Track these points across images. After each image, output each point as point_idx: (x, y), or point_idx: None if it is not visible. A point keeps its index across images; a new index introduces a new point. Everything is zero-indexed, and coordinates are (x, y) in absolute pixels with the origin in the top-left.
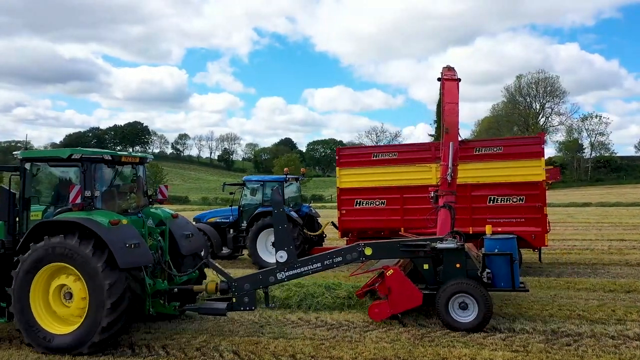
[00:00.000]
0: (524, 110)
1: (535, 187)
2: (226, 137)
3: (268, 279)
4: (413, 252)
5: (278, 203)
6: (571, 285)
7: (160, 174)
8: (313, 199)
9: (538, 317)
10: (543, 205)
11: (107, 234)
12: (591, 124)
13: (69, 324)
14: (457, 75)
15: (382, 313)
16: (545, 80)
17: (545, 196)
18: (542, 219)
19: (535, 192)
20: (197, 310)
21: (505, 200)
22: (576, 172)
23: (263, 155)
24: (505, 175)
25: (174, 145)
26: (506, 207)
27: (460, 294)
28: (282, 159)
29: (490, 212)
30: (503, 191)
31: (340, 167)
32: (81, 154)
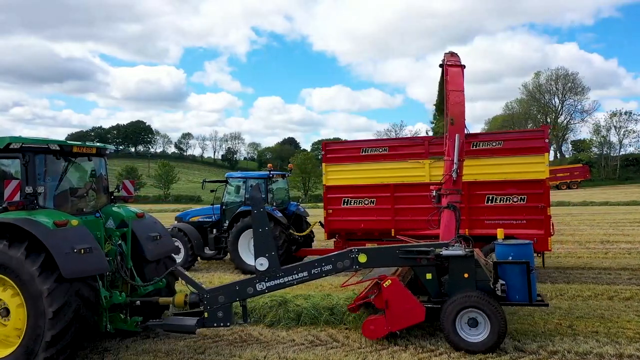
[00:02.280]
0: (544, 107)
1: (539, 186)
2: (230, 136)
3: (246, 290)
4: (414, 260)
5: (258, 202)
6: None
7: (172, 173)
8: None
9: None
10: (547, 205)
11: (49, 237)
12: (620, 120)
13: (6, 346)
14: (461, 62)
15: (379, 331)
16: (565, 77)
17: (549, 196)
18: (545, 220)
19: (539, 191)
20: (161, 327)
21: (505, 200)
22: (604, 170)
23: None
24: (505, 173)
25: (177, 144)
26: (506, 207)
27: (470, 308)
28: (298, 157)
29: (489, 212)
30: (503, 190)
31: (327, 162)
32: (21, 142)
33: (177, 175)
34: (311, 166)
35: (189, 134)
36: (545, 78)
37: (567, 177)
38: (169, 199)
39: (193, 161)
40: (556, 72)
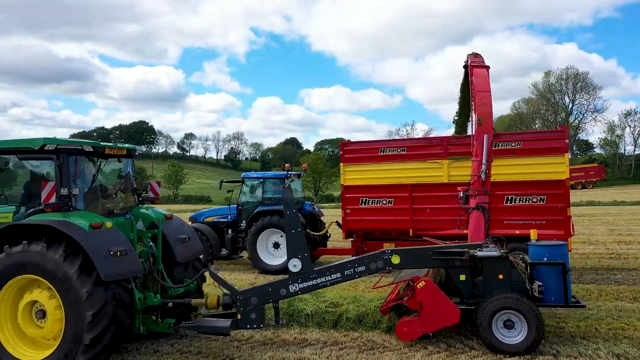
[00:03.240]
0: (554, 106)
1: (558, 186)
2: (233, 136)
3: (279, 292)
4: (447, 261)
5: (289, 203)
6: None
7: (181, 173)
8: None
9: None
10: (567, 205)
11: (87, 240)
12: (634, 119)
13: (43, 348)
14: (484, 62)
15: (412, 332)
16: (576, 77)
17: (569, 196)
18: (565, 221)
19: (558, 191)
20: (195, 329)
21: (524, 201)
22: (618, 170)
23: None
24: (524, 173)
25: (179, 144)
26: (525, 207)
27: (506, 310)
28: (310, 157)
29: (507, 212)
30: (522, 190)
31: (345, 163)
32: (56, 144)
33: (186, 175)
34: (322, 166)
35: (191, 134)
36: (556, 77)
37: (583, 176)
38: (179, 200)
39: (196, 161)
40: (566, 72)
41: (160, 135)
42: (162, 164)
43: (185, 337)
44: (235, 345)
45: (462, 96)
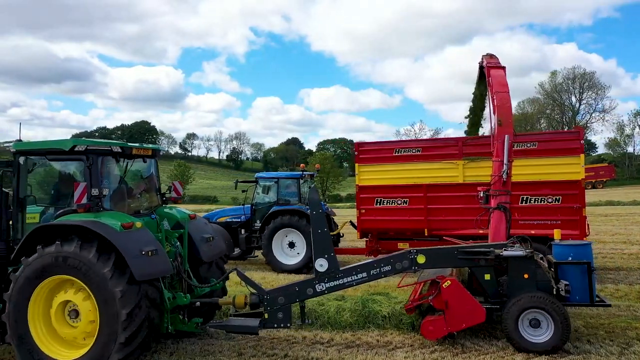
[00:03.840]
0: (560, 106)
1: (574, 187)
2: (235, 136)
3: (306, 291)
4: (472, 261)
5: (316, 203)
6: None
7: (188, 173)
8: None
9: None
10: (582, 206)
11: (119, 240)
12: None
13: (77, 347)
14: (500, 63)
15: (438, 331)
16: (583, 76)
17: (585, 196)
18: (580, 221)
19: (574, 191)
20: (223, 328)
21: (539, 201)
22: (627, 170)
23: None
24: (540, 174)
25: (181, 144)
26: (541, 208)
27: (533, 309)
28: (317, 156)
29: (523, 213)
30: (537, 191)
31: (360, 163)
32: (86, 145)
33: (192, 175)
34: (330, 166)
35: (193, 134)
36: (563, 77)
37: (593, 176)
38: (185, 199)
39: (198, 162)
40: (573, 71)
41: (162, 135)
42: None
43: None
44: (319, 347)
45: (475, 96)
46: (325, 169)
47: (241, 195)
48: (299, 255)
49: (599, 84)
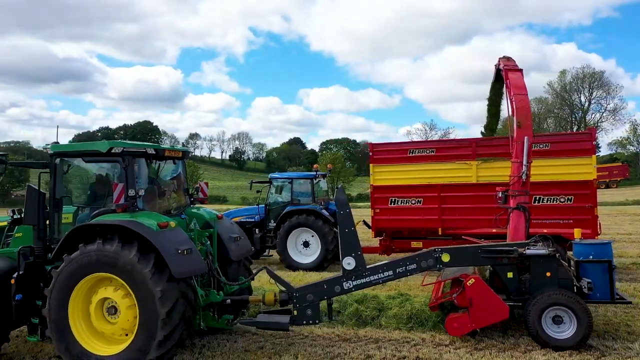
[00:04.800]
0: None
1: (586, 187)
2: (238, 136)
3: (334, 288)
4: (495, 259)
5: (343, 203)
6: None
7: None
8: None
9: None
10: (594, 205)
11: (157, 239)
12: None
13: (115, 343)
14: (517, 65)
15: (462, 328)
16: (592, 76)
17: (596, 196)
18: (592, 220)
19: (586, 191)
20: (254, 325)
21: (552, 201)
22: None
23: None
24: (552, 174)
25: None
26: (553, 207)
27: (556, 306)
28: (327, 156)
29: (535, 212)
30: (550, 191)
31: (374, 163)
32: (122, 147)
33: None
34: (340, 166)
35: (196, 134)
36: (572, 76)
37: (606, 176)
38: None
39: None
40: (582, 71)
41: (165, 135)
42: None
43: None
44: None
45: (491, 98)
46: (336, 169)
47: (250, 195)
48: (314, 254)
49: (608, 83)
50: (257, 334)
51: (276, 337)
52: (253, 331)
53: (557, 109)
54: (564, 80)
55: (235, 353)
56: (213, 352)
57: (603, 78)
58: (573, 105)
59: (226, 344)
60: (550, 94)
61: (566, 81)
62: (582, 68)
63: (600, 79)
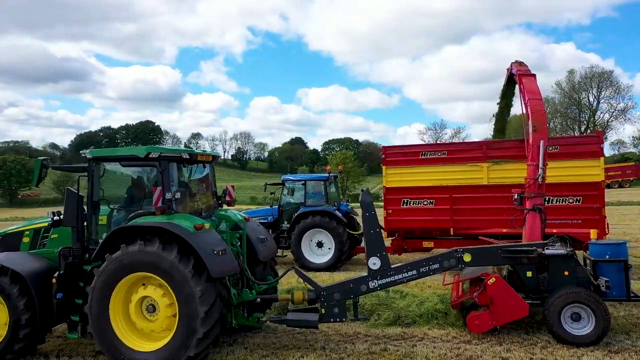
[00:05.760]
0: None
1: (594, 188)
2: (240, 135)
3: (359, 287)
4: (515, 259)
5: (369, 205)
6: None
7: None
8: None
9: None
10: (602, 206)
11: (194, 240)
12: None
13: (154, 340)
14: (530, 70)
15: (483, 325)
16: (601, 75)
17: (604, 197)
18: (600, 220)
19: (594, 192)
20: (284, 322)
21: (561, 201)
22: None
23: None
24: (561, 176)
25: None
26: (562, 208)
27: (575, 304)
28: (337, 155)
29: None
30: (559, 192)
31: (387, 165)
32: (159, 152)
33: None
34: (351, 165)
35: (198, 134)
36: (581, 76)
37: (619, 175)
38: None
39: None
40: (591, 70)
41: (167, 135)
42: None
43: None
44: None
45: (502, 102)
46: (345, 169)
47: (259, 195)
48: (327, 254)
49: (617, 83)
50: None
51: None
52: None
53: (564, 109)
54: (572, 80)
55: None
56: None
57: (612, 78)
58: (581, 105)
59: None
60: (559, 93)
61: (575, 81)
62: (591, 67)
63: (609, 78)
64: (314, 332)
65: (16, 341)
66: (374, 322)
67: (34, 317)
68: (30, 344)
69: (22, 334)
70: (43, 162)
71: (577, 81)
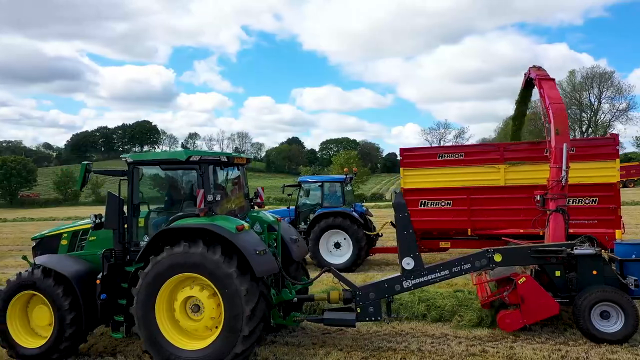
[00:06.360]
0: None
1: (610, 189)
2: (238, 135)
3: (394, 287)
4: (544, 259)
5: (402, 206)
6: None
7: None
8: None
9: None
10: (617, 206)
11: (238, 241)
12: None
13: (199, 339)
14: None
15: (514, 324)
16: (601, 76)
17: (620, 198)
18: (616, 220)
19: (610, 193)
20: (321, 322)
21: (577, 202)
22: None
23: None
24: (578, 177)
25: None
26: (579, 208)
27: (604, 302)
28: (341, 156)
29: None
30: (576, 193)
31: (405, 167)
32: (199, 155)
33: None
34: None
35: (195, 134)
36: (582, 77)
37: (623, 175)
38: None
39: None
40: (592, 71)
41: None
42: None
43: None
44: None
45: (519, 106)
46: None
47: (272, 195)
48: (345, 255)
49: (618, 83)
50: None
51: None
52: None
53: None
54: (573, 81)
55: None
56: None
57: (612, 78)
58: (582, 105)
59: None
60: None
61: (576, 81)
62: (592, 68)
63: (610, 79)
64: (401, 332)
65: (62, 340)
66: (456, 323)
67: (79, 317)
68: (75, 342)
69: (68, 333)
70: (87, 166)
71: (577, 81)
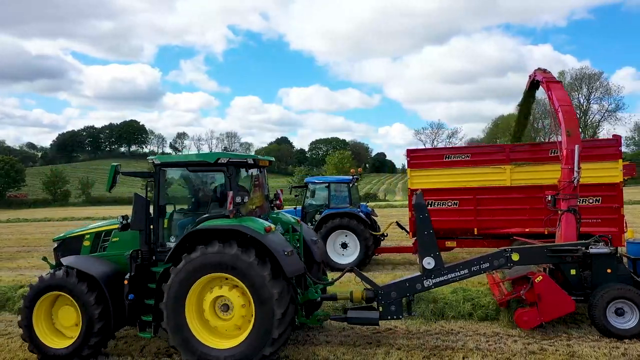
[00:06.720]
0: None
1: (613, 189)
2: (226, 135)
3: (415, 286)
4: (560, 258)
5: (423, 207)
6: None
7: None
8: None
9: None
10: (620, 206)
11: (268, 242)
12: None
13: (227, 338)
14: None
15: (532, 321)
16: (590, 77)
17: (623, 197)
18: (619, 219)
19: (613, 193)
20: (345, 321)
21: (582, 202)
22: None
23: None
24: (582, 177)
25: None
26: (582, 208)
27: (620, 299)
28: (335, 156)
29: None
30: (580, 192)
31: (412, 168)
32: (228, 158)
33: None
34: (349, 165)
35: (184, 134)
36: (572, 77)
37: None
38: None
39: None
40: (581, 72)
41: (152, 135)
42: None
43: None
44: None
45: (522, 107)
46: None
47: None
48: (352, 255)
49: (606, 85)
50: None
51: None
52: None
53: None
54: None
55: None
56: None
57: (601, 79)
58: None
59: None
60: None
61: (565, 83)
62: (581, 69)
63: (599, 80)
64: (451, 331)
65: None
66: (506, 321)
67: (107, 317)
68: (103, 342)
69: (97, 328)
70: (117, 167)
71: (567, 82)
